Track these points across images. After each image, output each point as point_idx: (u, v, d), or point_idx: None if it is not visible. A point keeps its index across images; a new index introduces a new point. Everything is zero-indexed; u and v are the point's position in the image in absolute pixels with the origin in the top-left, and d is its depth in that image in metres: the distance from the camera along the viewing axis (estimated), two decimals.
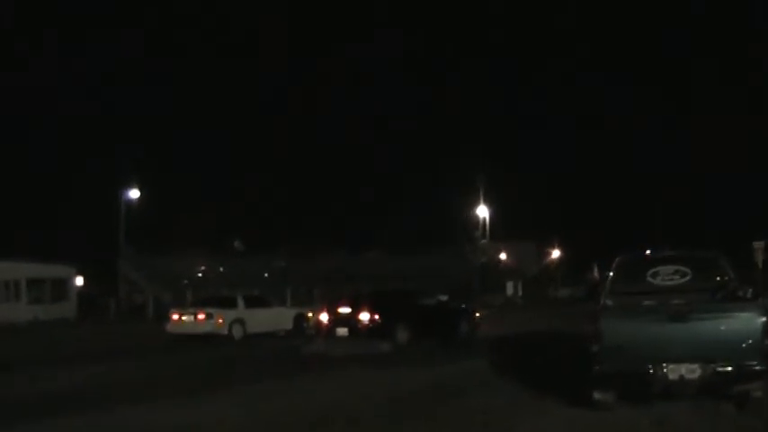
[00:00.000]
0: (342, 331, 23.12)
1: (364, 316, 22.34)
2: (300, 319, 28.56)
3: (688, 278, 11.28)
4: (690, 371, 9.72)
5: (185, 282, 49.05)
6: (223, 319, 26.24)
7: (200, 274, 51.62)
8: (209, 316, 26.18)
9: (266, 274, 50.75)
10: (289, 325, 27.98)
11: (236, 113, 63.54)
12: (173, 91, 65.07)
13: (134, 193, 49.92)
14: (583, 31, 79.86)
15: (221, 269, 52.52)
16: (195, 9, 75.02)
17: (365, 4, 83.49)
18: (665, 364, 9.76)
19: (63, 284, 42.21)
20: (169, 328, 26.76)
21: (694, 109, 65.04)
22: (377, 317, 22.20)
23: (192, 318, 26.38)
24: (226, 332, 26.08)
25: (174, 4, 76.28)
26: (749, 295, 11.15)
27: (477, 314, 24.91)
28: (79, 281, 43.94)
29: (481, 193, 62.18)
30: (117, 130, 58.57)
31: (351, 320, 22.76)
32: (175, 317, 26.87)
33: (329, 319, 23.67)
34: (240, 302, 27.44)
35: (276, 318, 28.05)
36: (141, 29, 73.55)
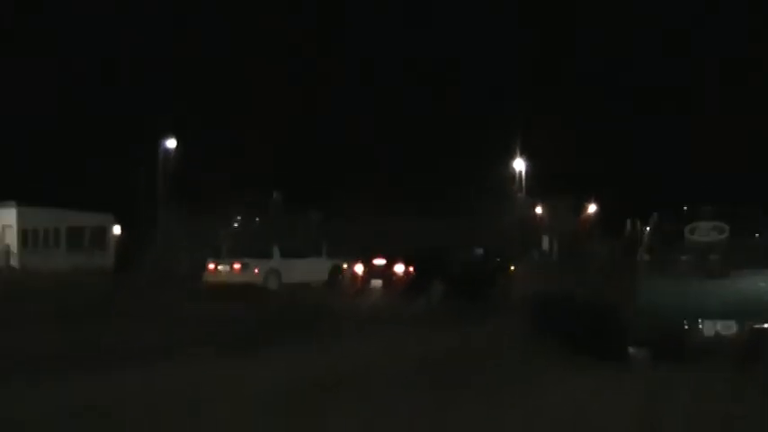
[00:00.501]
0: (376, 283, 23.28)
1: (399, 268, 22.45)
2: (336, 270, 28.78)
3: (727, 234, 11.09)
4: (726, 327, 9.61)
5: (221, 234, 49.46)
6: (259, 270, 26.66)
7: (236, 224, 51.97)
8: (245, 266, 26.62)
9: (302, 226, 50.96)
10: (325, 276, 28.23)
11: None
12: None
13: (171, 143, 49.96)
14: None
15: (257, 219, 52.88)
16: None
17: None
18: (700, 321, 9.66)
19: (102, 233, 42.73)
20: (205, 278, 27.13)
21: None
22: (412, 270, 22.30)
23: (228, 268, 26.79)
24: (261, 282, 26.46)
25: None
26: None
27: (511, 270, 24.88)
28: (117, 230, 44.32)
29: (518, 147, 61.78)
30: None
31: (386, 273, 22.89)
32: (212, 266, 27.26)
33: (364, 271, 23.82)
34: (276, 253, 27.79)
35: (312, 269, 28.32)
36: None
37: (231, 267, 26.78)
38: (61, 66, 59.71)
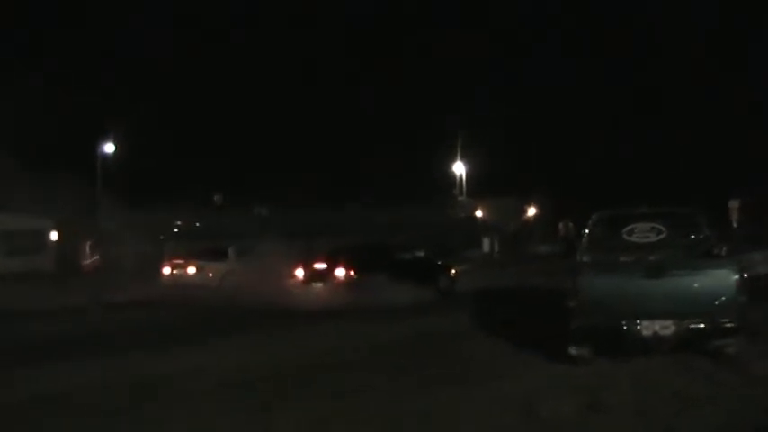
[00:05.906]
0: (318, 287, 23.15)
1: (340, 272, 22.31)
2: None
3: (664, 235, 11.31)
4: (663, 327, 9.76)
5: (161, 237, 48.83)
6: (214, 272, 27.12)
7: (176, 230, 51.36)
8: (200, 268, 26.95)
9: (244, 224, 50.49)
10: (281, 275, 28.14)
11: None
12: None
13: (109, 147, 49.34)
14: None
15: (197, 224, 52.31)
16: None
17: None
18: (638, 321, 9.79)
19: (40, 237, 41.81)
20: (162, 279, 27.57)
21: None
22: (352, 273, 22.17)
23: (183, 270, 27.07)
24: (217, 284, 26.78)
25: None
26: (724, 253, 11.19)
27: (454, 270, 24.89)
28: (54, 236, 43.43)
29: (458, 150, 62.12)
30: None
31: (327, 276, 22.76)
32: (167, 269, 27.61)
33: (305, 275, 23.67)
34: (232, 254, 27.99)
35: (271, 268, 28.29)
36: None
37: (186, 270, 27.20)
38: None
